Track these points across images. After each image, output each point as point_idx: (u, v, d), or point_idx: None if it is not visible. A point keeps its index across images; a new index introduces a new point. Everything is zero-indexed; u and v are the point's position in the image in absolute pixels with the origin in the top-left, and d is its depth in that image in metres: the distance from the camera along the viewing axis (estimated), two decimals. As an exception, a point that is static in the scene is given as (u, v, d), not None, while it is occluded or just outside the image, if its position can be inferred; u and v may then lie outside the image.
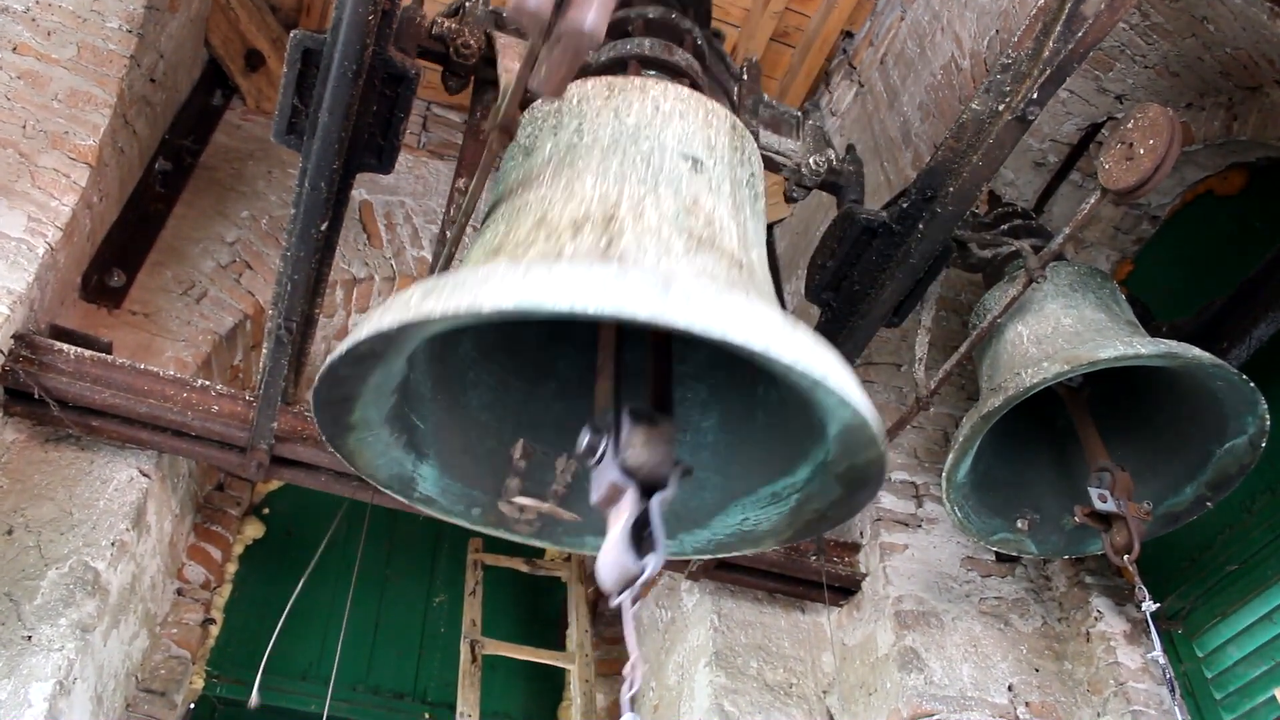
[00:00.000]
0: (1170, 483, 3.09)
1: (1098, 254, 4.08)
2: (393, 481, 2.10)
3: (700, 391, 2.31)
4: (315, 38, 2.23)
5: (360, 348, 1.58)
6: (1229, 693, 3.31)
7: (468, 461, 2.18)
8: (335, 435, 1.93)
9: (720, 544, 2.21)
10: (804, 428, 1.92)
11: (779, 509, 2.10)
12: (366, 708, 4.00)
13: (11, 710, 2.61)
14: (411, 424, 2.05)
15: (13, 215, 3.05)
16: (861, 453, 1.78)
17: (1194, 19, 3.30)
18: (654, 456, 1.63)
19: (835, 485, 1.94)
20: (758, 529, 2.15)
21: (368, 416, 1.92)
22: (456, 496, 2.19)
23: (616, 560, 1.52)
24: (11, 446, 3.08)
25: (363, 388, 1.83)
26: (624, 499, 1.59)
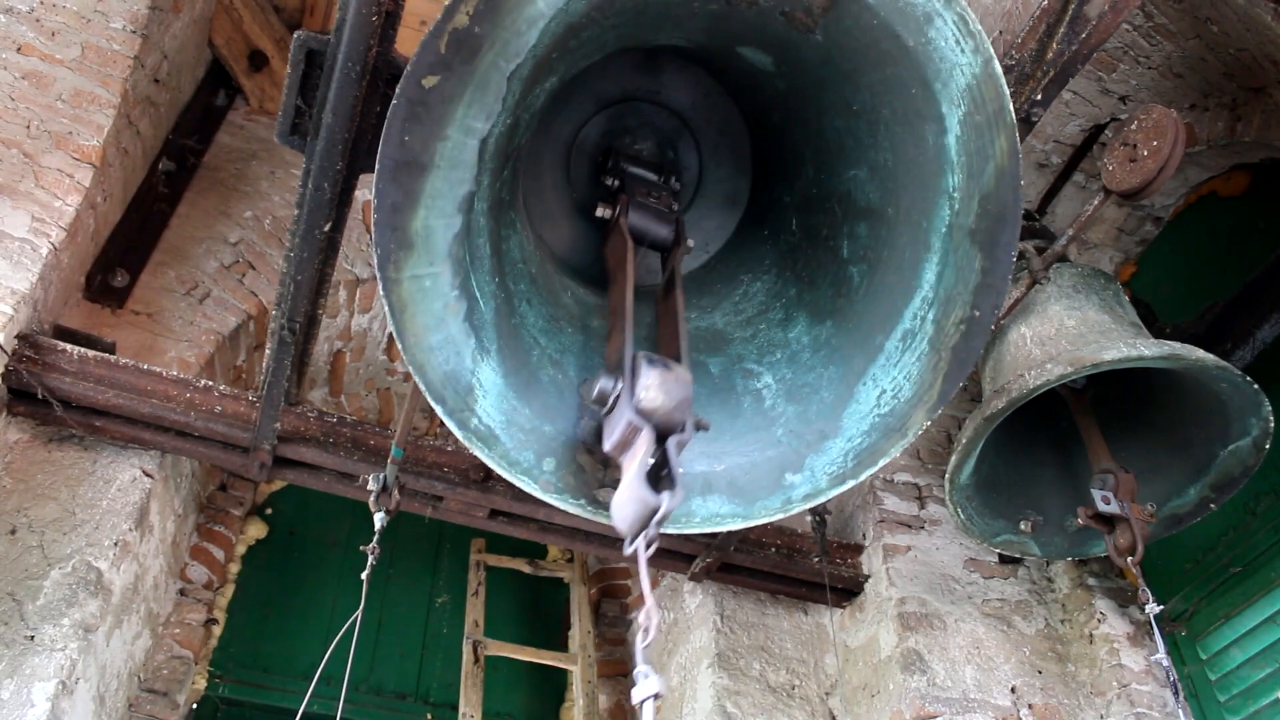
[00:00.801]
0: (1174, 484, 3.09)
1: (1101, 255, 4.08)
2: (446, 387, 1.76)
3: (774, 316, 2.25)
4: (319, 38, 2.23)
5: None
6: (1233, 695, 3.30)
7: (533, 385, 1.91)
8: (392, 255, 1.65)
9: (860, 452, 1.96)
10: (916, 205, 1.77)
11: (916, 350, 1.89)
12: (369, 708, 4.00)
13: (14, 710, 2.61)
14: (472, 291, 1.80)
15: (17, 215, 3.05)
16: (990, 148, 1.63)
17: (1198, 20, 3.30)
18: (670, 398, 1.61)
19: (971, 252, 1.76)
20: (900, 400, 1.92)
21: (431, 229, 1.68)
22: (524, 434, 1.85)
23: (633, 496, 1.48)
24: (15, 446, 3.09)
25: (437, 147, 1.63)
26: (638, 442, 1.57)
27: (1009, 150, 1.65)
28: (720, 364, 2.22)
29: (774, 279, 2.34)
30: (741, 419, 2.07)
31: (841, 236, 2.07)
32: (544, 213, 2.47)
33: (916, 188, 1.82)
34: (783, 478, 1.98)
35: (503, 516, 3.49)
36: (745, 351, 2.24)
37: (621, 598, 4.66)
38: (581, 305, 2.31)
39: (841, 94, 1.92)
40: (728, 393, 2.15)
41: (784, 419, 2.05)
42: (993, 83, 1.58)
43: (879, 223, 1.96)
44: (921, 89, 1.67)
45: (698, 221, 2.54)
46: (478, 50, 1.59)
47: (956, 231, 1.77)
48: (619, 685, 4.28)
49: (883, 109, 1.83)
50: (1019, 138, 2.49)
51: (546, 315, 2.14)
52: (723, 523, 1.96)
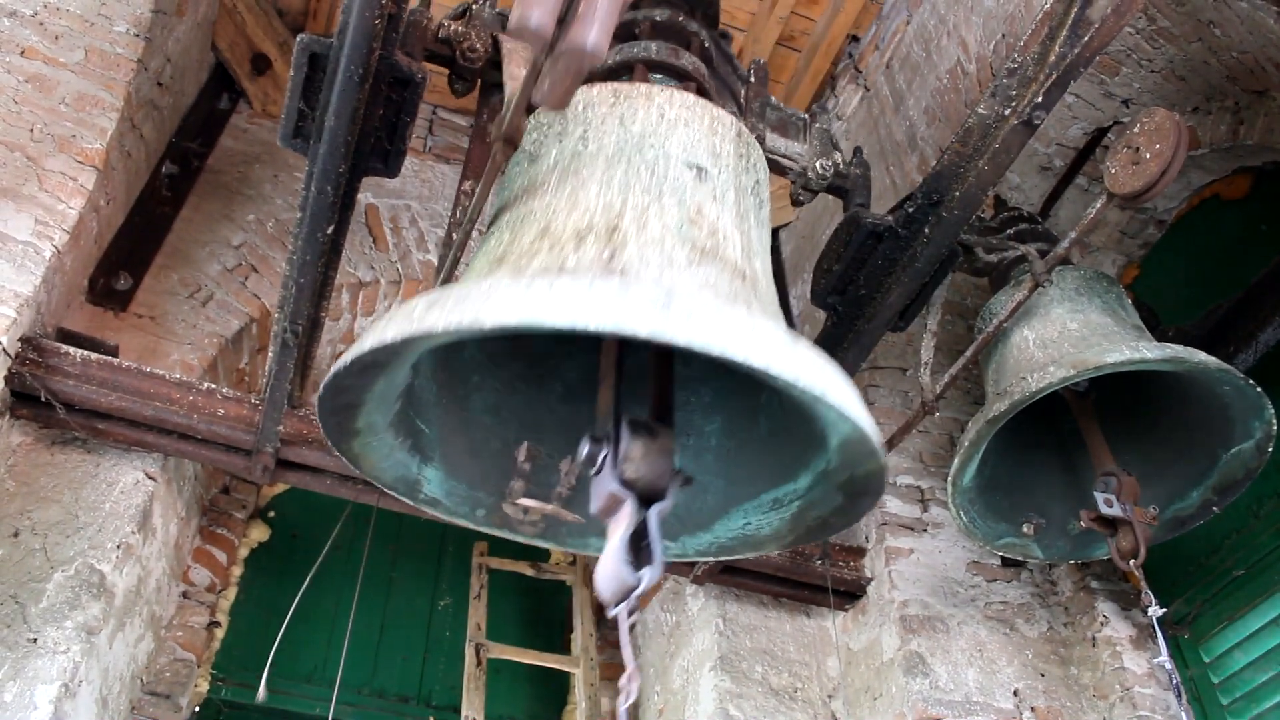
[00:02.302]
0: (1176, 487, 3.09)
1: (1104, 258, 4.07)
2: (398, 484, 2.10)
3: (704, 395, 2.32)
4: (322, 42, 2.24)
5: (364, 358, 1.58)
6: (1236, 698, 3.30)
7: (472, 464, 2.18)
8: (340, 440, 1.94)
9: (722, 547, 2.22)
10: (805, 436, 1.93)
11: (780, 514, 2.11)
12: (371, 711, 4.00)
13: (17, 713, 2.62)
14: (416, 428, 2.05)
15: (20, 218, 3.05)
16: (862, 464, 1.80)
17: (1200, 23, 3.30)
18: (652, 468, 1.64)
19: (836, 494, 1.95)
20: (759, 533, 2.16)
21: (372, 422, 1.93)
22: (461, 498, 2.19)
23: (614, 572, 1.53)
24: (18, 449, 3.09)
25: (367, 395, 1.84)
26: (622, 510, 1.61)
27: (878, 469, 1.78)
28: None
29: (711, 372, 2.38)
30: None
31: (763, 389, 2.17)
32: None
33: (806, 434, 1.95)
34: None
35: (505, 519, 3.49)
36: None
37: (624, 600, 4.65)
38: (546, 339, 2.35)
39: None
40: None
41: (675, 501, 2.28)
42: (867, 443, 1.68)
43: (784, 416, 2.10)
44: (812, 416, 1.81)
45: None
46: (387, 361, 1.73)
47: (829, 477, 1.95)
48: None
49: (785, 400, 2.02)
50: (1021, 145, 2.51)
51: (498, 387, 2.26)
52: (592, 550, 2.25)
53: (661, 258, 1.76)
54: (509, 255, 1.83)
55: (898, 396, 4.17)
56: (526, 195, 2.03)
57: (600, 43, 1.45)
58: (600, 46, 1.46)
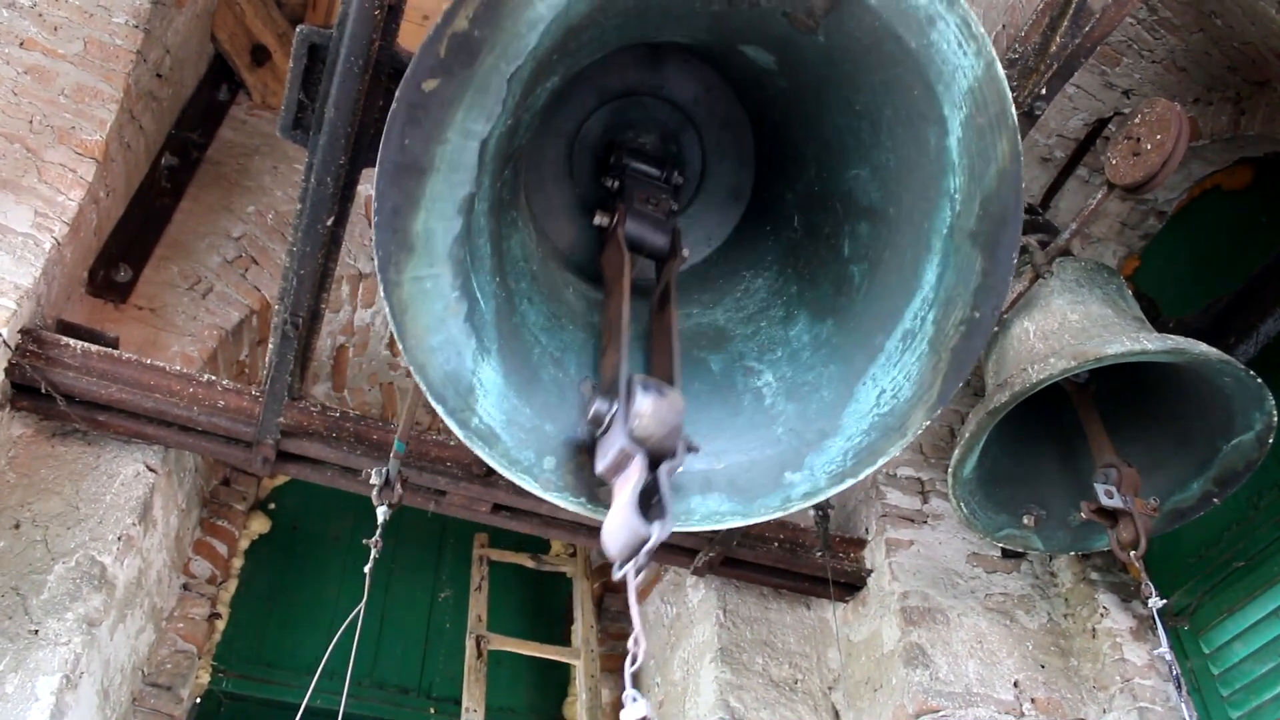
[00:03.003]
0: (1177, 479, 3.09)
1: (1104, 249, 4.07)
2: (447, 387, 1.76)
3: (775, 314, 2.24)
4: (321, 33, 2.23)
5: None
6: (1235, 689, 3.30)
7: (533, 384, 1.91)
8: (393, 258, 1.65)
9: (859, 451, 1.95)
10: (917, 206, 1.79)
11: (915, 350, 1.88)
12: (372, 703, 4.01)
13: (18, 704, 2.62)
14: (472, 291, 1.80)
15: (20, 210, 3.05)
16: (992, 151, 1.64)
17: (1201, 14, 3.29)
18: (662, 425, 1.62)
19: (972, 254, 1.76)
20: (900, 400, 1.91)
21: (431, 231, 1.68)
22: (525, 433, 1.84)
23: (624, 524, 1.50)
24: (18, 441, 3.09)
25: (438, 150, 1.62)
26: (631, 466, 1.58)
27: (1011, 153, 1.65)
28: (721, 361, 2.22)
29: (775, 276, 2.34)
30: (742, 417, 2.07)
31: (843, 235, 2.07)
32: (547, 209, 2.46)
33: (918, 189, 1.82)
34: (782, 476, 1.98)
35: (506, 511, 3.50)
36: (746, 349, 2.24)
37: (624, 592, 4.65)
38: (585, 301, 2.31)
39: (843, 94, 1.92)
40: (728, 390, 2.15)
41: (784, 417, 2.05)
42: (995, 85, 1.58)
43: (880, 222, 1.96)
44: (924, 91, 1.68)
45: (700, 216, 2.54)
46: (477, 54, 1.58)
47: (958, 233, 1.78)
48: (622, 680, 4.28)
49: (885, 109, 1.83)
50: (1021, 136, 2.49)
51: (548, 313, 2.14)
52: (722, 520, 1.96)
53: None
54: None
55: (898, 388, 4.17)
56: None
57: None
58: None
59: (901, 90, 1.73)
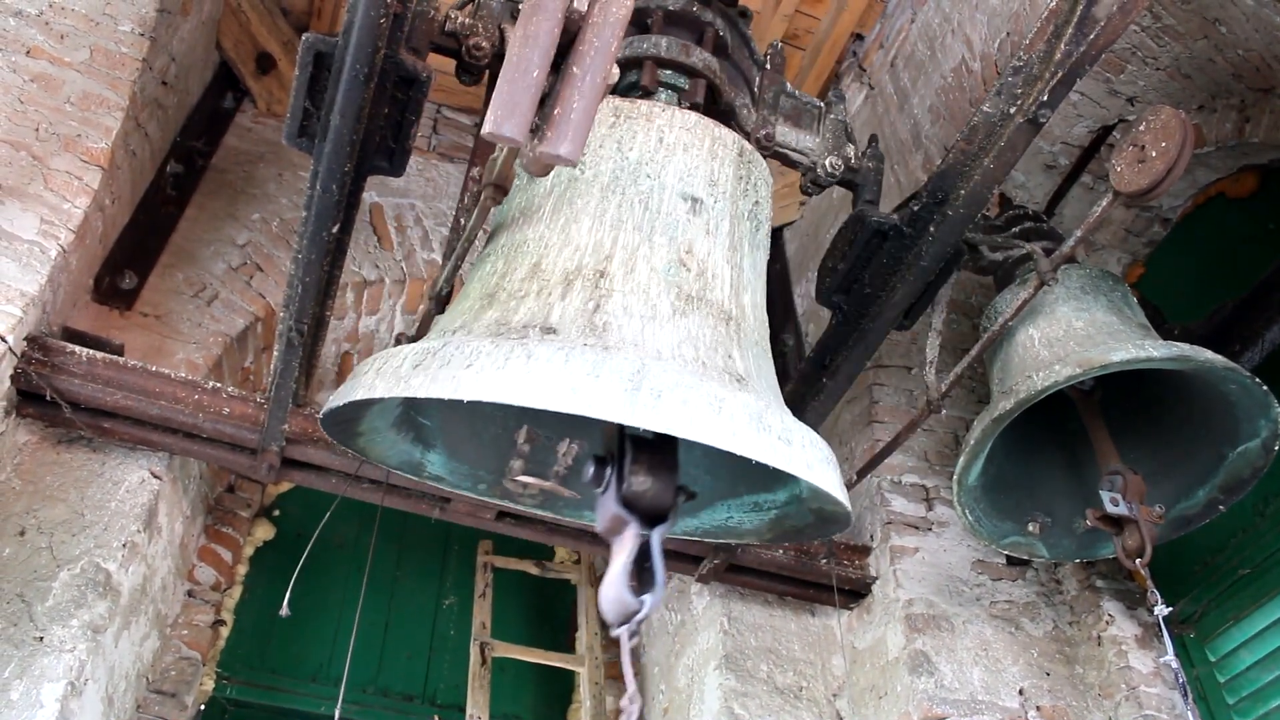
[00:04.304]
0: (1182, 486, 3.08)
1: (1109, 257, 4.07)
2: (403, 465, 2.26)
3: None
4: (327, 40, 2.24)
5: (351, 406, 1.77)
6: (1242, 697, 3.29)
7: (473, 448, 2.31)
8: (346, 440, 2.09)
9: (707, 532, 2.37)
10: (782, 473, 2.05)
11: (760, 516, 2.27)
12: (376, 709, 4.01)
13: (24, 711, 2.62)
14: (418, 424, 2.17)
15: (25, 217, 3.06)
16: (830, 506, 2.03)
17: (1206, 21, 3.29)
18: (654, 489, 1.68)
19: (808, 514, 2.14)
20: (740, 528, 2.32)
21: (375, 426, 2.07)
22: (464, 475, 2.35)
23: (617, 595, 1.57)
24: (24, 448, 3.10)
25: (366, 414, 2.01)
26: (626, 532, 1.64)
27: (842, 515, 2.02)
28: None
29: None
30: None
31: None
32: None
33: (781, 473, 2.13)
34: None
35: (509, 518, 3.49)
36: None
37: (628, 599, 4.65)
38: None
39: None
40: None
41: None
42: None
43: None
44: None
45: None
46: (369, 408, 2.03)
47: (802, 502, 2.16)
48: (625, 687, 4.28)
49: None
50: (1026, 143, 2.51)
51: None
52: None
53: (646, 308, 1.84)
54: (500, 293, 1.92)
55: (902, 395, 4.17)
56: (522, 220, 2.09)
57: (574, 151, 1.47)
58: (574, 154, 1.48)
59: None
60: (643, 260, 1.93)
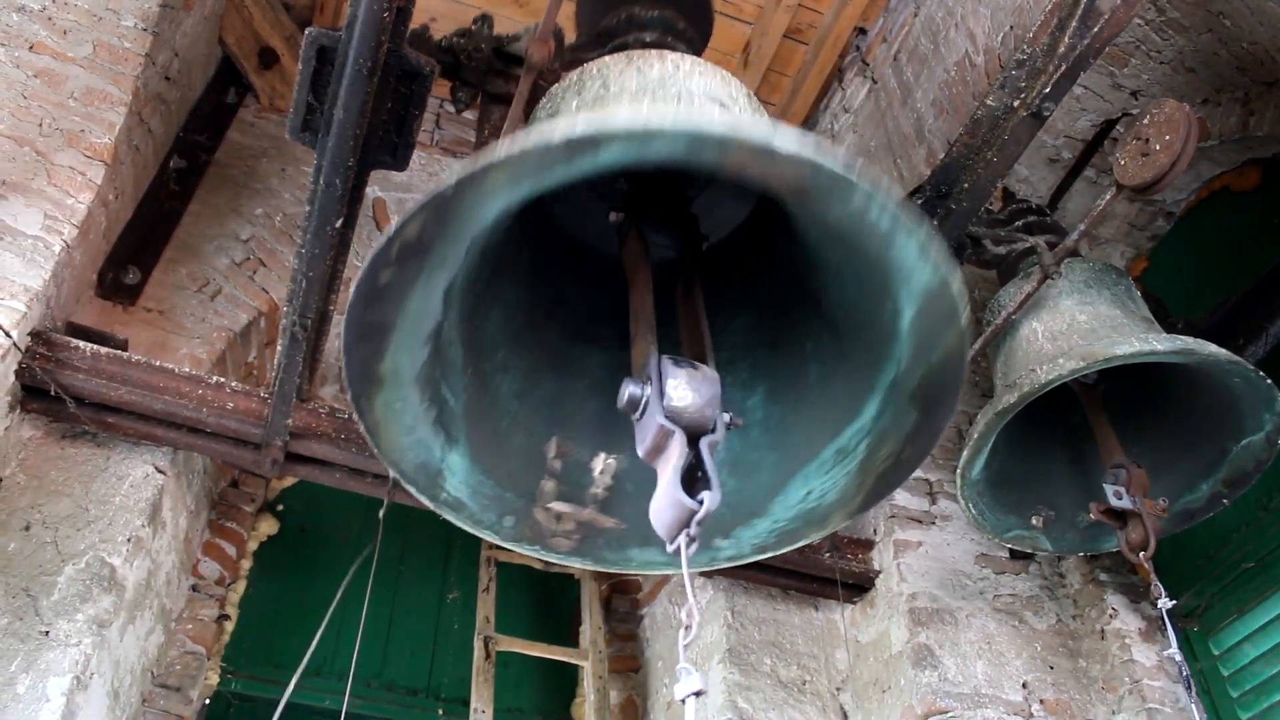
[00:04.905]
0: (1186, 480, 3.08)
1: (1113, 250, 4.06)
2: (418, 474, 1.96)
3: (741, 372, 2.26)
4: (330, 35, 2.24)
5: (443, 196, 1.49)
6: (1245, 690, 3.29)
7: (499, 457, 2.07)
8: (363, 393, 1.79)
9: (782, 533, 2.09)
10: (869, 345, 1.84)
11: (846, 467, 1.99)
12: (381, 704, 4.01)
13: (30, 705, 2.63)
14: (441, 396, 1.94)
15: (29, 213, 3.06)
16: (938, 340, 1.70)
17: (1210, 14, 3.29)
18: (698, 399, 1.61)
19: (909, 409, 1.84)
20: (824, 501, 2.04)
21: (399, 366, 1.81)
22: (488, 500, 2.06)
23: (670, 502, 1.49)
24: (28, 443, 3.10)
25: (400, 312, 1.72)
26: (671, 444, 1.57)
27: (958, 345, 1.70)
28: None
29: (753, 326, 2.34)
30: None
31: (809, 332, 2.11)
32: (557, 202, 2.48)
33: (871, 339, 1.87)
34: (712, 541, 2.10)
35: (513, 512, 3.49)
36: None
37: (632, 594, 4.66)
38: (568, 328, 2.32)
39: (817, 239, 2.00)
40: None
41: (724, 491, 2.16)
42: (948, 295, 1.62)
43: (838, 342, 2.01)
44: (881, 280, 1.72)
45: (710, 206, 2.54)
46: (430, 247, 1.63)
47: (899, 389, 1.84)
48: (629, 681, 4.29)
49: (848, 270, 1.89)
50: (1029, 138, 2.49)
51: (525, 370, 2.19)
52: (655, 569, 2.14)
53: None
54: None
55: (906, 389, 4.16)
56: None
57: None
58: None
59: (862, 269, 1.78)
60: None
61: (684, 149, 1.45)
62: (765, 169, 1.50)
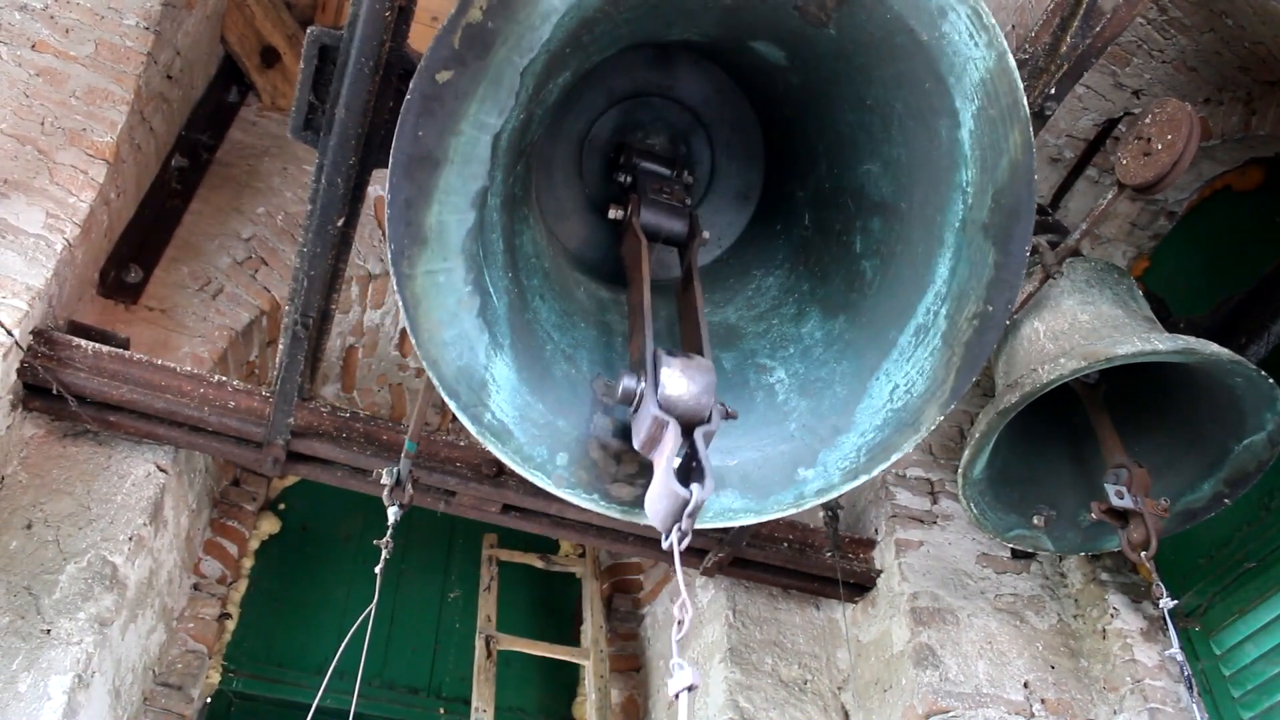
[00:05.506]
0: (1188, 479, 3.08)
1: (1114, 250, 4.06)
2: (460, 381, 1.76)
3: (786, 311, 2.25)
4: (332, 34, 2.24)
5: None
6: (1247, 690, 3.29)
7: (546, 381, 1.90)
8: (405, 251, 1.65)
9: (873, 447, 1.96)
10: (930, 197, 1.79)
11: (929, 344, 1.88)
12: (382, 703, 4.01)
13: (31, 703, 2.63)
14: (485, 286, 1.80)
15: (32, 211, 3.06)
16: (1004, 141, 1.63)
17: (1212, 13, 3.28)
18: (691, 390, 1.62)
19: (984, 247, 1.76)
20: (913, 395, 1.92)
21: (445, 224, 1.68)
22: (538, 429, 1.84)
23: (663, 492, 1.50)
24: (30, 442, 3.10)
25: (452, 143, 1.63)
26: (666, 435, 1.58)
27: (1023, 144, 1.66)
28: (733, 359, 2.23)
29: (787, 274, 2.34)
30: (754, 414, 2.08)
31: (855, 231, 2.07)
32: (557, 210, 2.47)
33: (930, 182, 1.82)
34: (796, 472, 1.99)
35: (515, 511, 3.50)
36: (758, 346, 2.25)
37: (634, 593, 4.66)
38: (595, 300, 2.31)
39: (855, 88, 1.93)
40: (740, 388, 2.15)
41: (797, 413, 2.05)
42: (1006, 77, 1.59)
43: (892, 217, 1.96)
44: (935, 83, 1.68)
45: (710, 216, 2.54)
46: (491, 45, 1.59)
47: (970, 226, 1.77)
48: (631, 680, 4.28)
49: (896, 103, 1.84)
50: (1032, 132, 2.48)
51: (560, 310, 2.15)
52: (736, 517, 1.97)
53: None
54: None
55: (907, 389, 4.16)
56: None
57: None
58: None
59: (913, 83, 1.73)
60: None
61: None
62: None
